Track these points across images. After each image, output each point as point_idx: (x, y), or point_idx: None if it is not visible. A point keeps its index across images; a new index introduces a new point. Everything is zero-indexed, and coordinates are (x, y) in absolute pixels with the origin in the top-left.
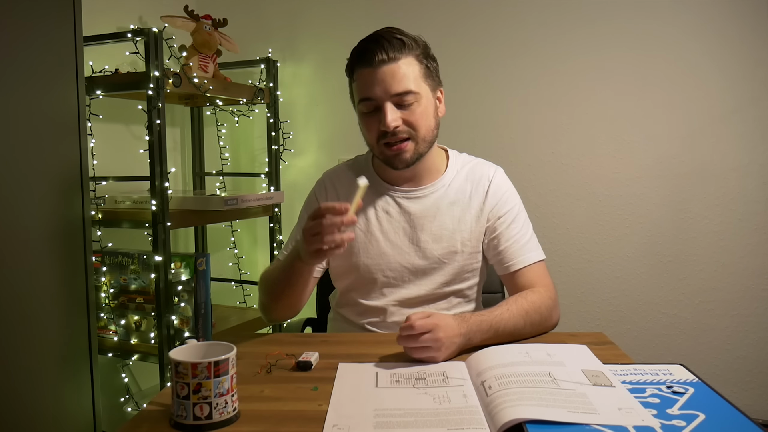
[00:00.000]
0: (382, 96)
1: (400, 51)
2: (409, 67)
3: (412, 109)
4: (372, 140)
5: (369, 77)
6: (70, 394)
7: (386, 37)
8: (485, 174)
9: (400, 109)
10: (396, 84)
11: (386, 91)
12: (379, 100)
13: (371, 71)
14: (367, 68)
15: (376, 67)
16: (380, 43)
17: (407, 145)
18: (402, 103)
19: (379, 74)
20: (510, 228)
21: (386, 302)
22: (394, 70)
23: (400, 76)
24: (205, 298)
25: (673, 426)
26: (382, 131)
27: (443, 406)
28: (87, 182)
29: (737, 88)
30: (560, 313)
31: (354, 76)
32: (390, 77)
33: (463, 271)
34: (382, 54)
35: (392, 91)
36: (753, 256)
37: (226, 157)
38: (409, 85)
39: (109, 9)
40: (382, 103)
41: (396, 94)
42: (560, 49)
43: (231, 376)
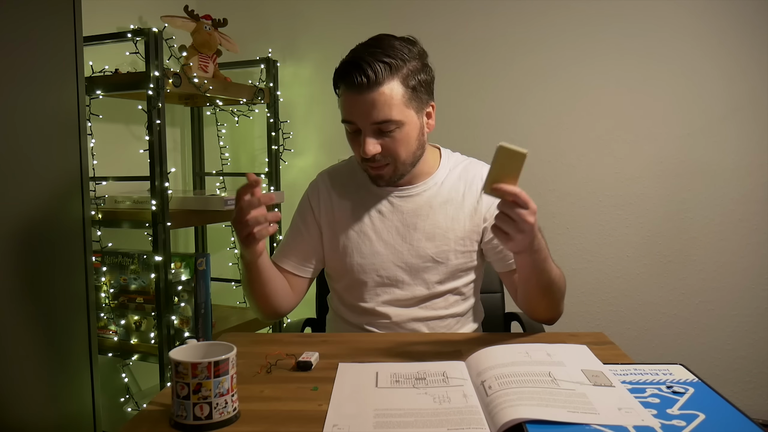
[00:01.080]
0: (362, 123)
1: (383, 76)
2: (392, 92)
3: (393, 136)
4: (357, 159)
5: (350, 101)
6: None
7: (368, 59)
8: (479, 173)
9: (380, 136)
10: (375, 113)
11: (366, 119)
12: (359, 126)
13: (352, 95)
14: (349, 91)
15: (357, 92)
16: (362, 67)
17: (386, 169)
18: (383, 130)
19: (360, 100)
20: None
21: (381, 302)
22: (375, 99)
23: (381, 104)
24: (205, 298)
25: (673, 426)
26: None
27: (443, 406)
28: (87, 182)
29: (737, 88)
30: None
31: (338, 92)
32: (370, 105)
33: (457, 269)
34: (362, 78)
35: (372, 120)
36: (753, 256)
37: (226, 157)
38: (390, 114)
39: (109, 9)
40: (362, 129)
41: (375, 122)
42: (560, 49)
43: (231, 376)
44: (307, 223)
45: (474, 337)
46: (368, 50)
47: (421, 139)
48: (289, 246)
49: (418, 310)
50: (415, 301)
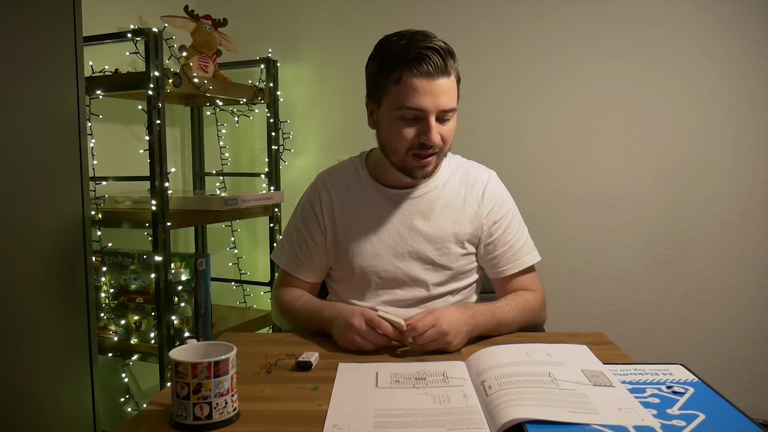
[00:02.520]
0: (431, 110)
1: (452, 65)
2: (454, 81)
3: (448, 125)
4: (401, 148)
5: (422, 87)
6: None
7: (440, 45)
8: (480, 178)
9: (439, 124)
10: (447, 100)
11: (436, 106)
12: (426, 113)
13: (425, 82)
14: (421, 77)
15: (432, 78)
16: (439, 53)
17: (434, 159)
18: (443, 118)
19: (434, 87)
20: (506, 233)
21: (382, 303)
22: (447, 86)
23: (451, 93)
24: (205, 298)
25: (673, 426)
26: (420, 143)
27: (443, 406)
28: (87, 182)
29: (737, 88)
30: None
31: (400, 79)
32: (443, 92)
33: (457, 272)
34: (442, 66)
35: (441, 107)
36: (753, 256)
37: (226, 157)
38: (455, 102)
39: (109, 9)
40: (428, 116)
41: (444, 110)
42: (560, 51)
43: (231, 376)
44: (313, 233)
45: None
46: (430, 38)
47: None
48: (304, 258)
49: (419, 311)
50: (416, 302)
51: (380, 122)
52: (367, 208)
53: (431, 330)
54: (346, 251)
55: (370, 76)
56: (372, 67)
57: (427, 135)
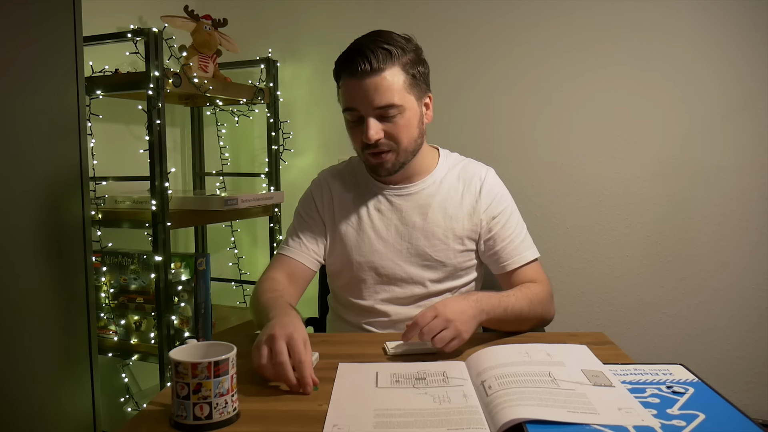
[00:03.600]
0: (364, 108)
1: (385, 62)
2: (393, 78)
3: (395, 122)
4: (357, 148)
5: (352, 88)
6: (70, 394)
7: (371, 46)
8: (477, 174)
9: (382, 122)
10: (379, 97)
11: (369, 104)
12: (362, 112)
13: (355, 82)
14: (351, 78)
15: (360, 78)
16: (364, 54)
17: (388, 156)
18: (385, 116)
19: (362, 86)
20: (505, 228)
21: (380, 300)
22: (377, 83)
23: (384, 89)
24: (205, 298)
25: (673, 426)
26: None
27: (443, 406)
28: (87, 182)
29: (737, 88)
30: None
31: (339, 83)
32: (373, 90)
33: (456, 268)
34: (365, 64)
35: (375, 105)
36: (753, 256)
37: (226, 157)
38: (392, 99)
39: (109, 9)
40: (365, 115)
41: (378, 107)
42: (560, 50)
43: (231, 376)
44: (314, 218)
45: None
46: (369, 39)
47: (421, 128)
48: (304, 240)
49: (417, 308)
50: (414, 300)
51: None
52: (365, 204)
53: (436, 320)
54: (344, 247)
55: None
56: None
57: (366, 134)
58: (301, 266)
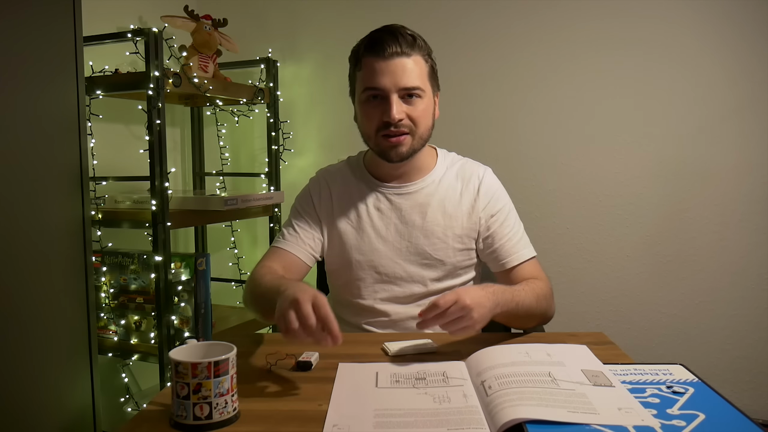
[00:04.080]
0: (390, 88)
1: (412, 47)
2: (417, 64)
3: (416, 105)
4: (370, 130)
5: (379, 67)
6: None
7: (400, 31)
8: (475, 173)
9: (404, 103)
10: (406, 78)
11: (395, 84)
12: (386, 92)
13: (382, 62)
14: (378, 58)
15: (388, 58)
16: (394, 35)
17: (406, 139)
18: (407, 97)
19: (391, 66)
20: (503, 226)
21: (379, 299)
22: (405, 64)
23: (410, 71)
24: (205, 298)
25: (673, 426)
26: (384, 122)
27: (443, 406)
28: (87, 182)
29: (737, 88)
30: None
31: (360, 64)
32: (401, 70)
33: (455, 267)
34: (396, 46)
35: (401, 85)
36: (753, 256)
37: (226, 157)
38: (417, 81)
39: (109, 9)
40: (389, 94)
41: (404, 88)
42: (560, 49)
43: (231, 376)
44: (311, 215)
45: (474, 337)
46: (392, 27)
47: (433, 119)
48: (300, 234)
49: (416, 307)
50: (413, 299)
51: (356, 112)
52: (364, 203)
53: (454, 306)
54: (344, 246)
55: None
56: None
57: (388, 113)
58: (296, 259)
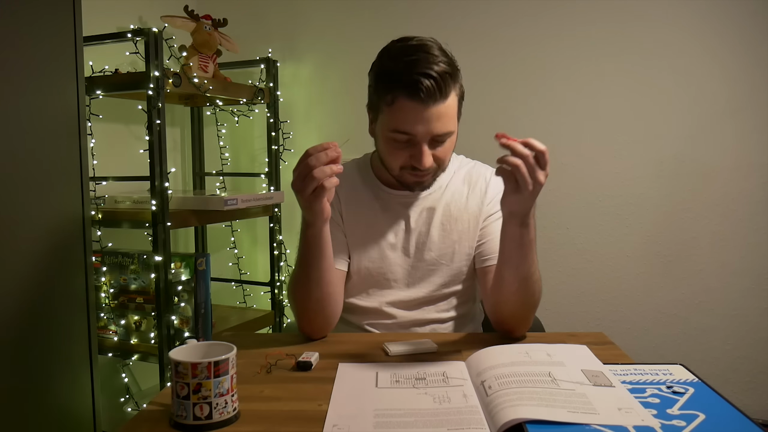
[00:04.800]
0: (423, 136)
1: (449, 86)
2: (452, 104)
3: (445, 147)
4: (394, 165)
5: (414, 113)
6: (70, 394)
7: (435, 68)
8: (482, 175)
9: (433, 146)
10: (441, 125)
11: (429, 132)
12: (419, 137)
13: (419, 108)
14: (415, 103)
15: (425, 104)
16: (435, 79)
17: (428, 177)
18: (437, 141)
19: (427, 114)
20: (496, 224)
21: (386, 303)
22: (441, 111)
23: (445, 117)
24: (205, 298)
25: (673, 426)
26: (412, 165)
27: (443, 406)
28: (87, 182)
29: (737, 88)
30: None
31: (393, 100)
32: (436, 118)
33: (461, 272)
34: (436, 92)
35: (435, 132)
36: (753, 256)
37: (226, 157)
38: (450, 126)
39: (109, 9)
40: (421, 140)
41: (438, 135)
42: (561, 49)
43: (231, 376)
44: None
45: (474, 337)
46: (429, 57)
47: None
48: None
49: (422, 312)
50: (419, 303)
51: (376, 135)
52: (372, 208)
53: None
54: (353, 250)
55: (369, 87)
56: (371, 79)
57: (419, 160)
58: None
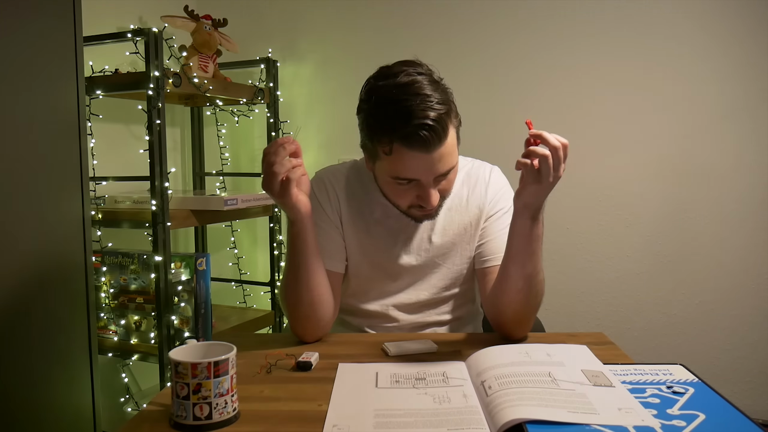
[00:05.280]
0: (428, 179)
1: (448, 126)
2: (451, 140)
3: (449, 179)
4: (401, 204)
5: (415, 161)
6: (70, 394)
7: (435, 116)
8: (482, 176)
9: (438, 183)
10: (442, 166)
11: (433, 173)
12: (423, 181)
13: (418, 155)
14: (414, 151)
15: (426, 151)
16: (433, 127)
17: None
18: (442, 177)
19: (429, 159)
20: (497, 223)
21: (387, 306)
22: (442, 153)
23: (447, 157)
24: (205, 298)
25: (673, 426)
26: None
27: (443, 406)
28: (87, 182)
29: (737, 88)
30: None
31: (392, 152)
32: (437, 161)
33: (461, 274)
34: (436, 140)
35: (439, 173)
36: (753, 256)
37: (226, 157)
38: (453, 161)
39: (109, 9)
40: (426, 182)
41: (441, 174)
42: (561, 50)
43: (231, 376)
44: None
45: (474, 337)
46: (425, 103)
47: None
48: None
49: (423, 314)
50: (420, 306)
51: (377, 176)
52: (372, 211)
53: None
54: (354, 257)
55: (361, 130)
56: (361, 123)
57: (426, 201)
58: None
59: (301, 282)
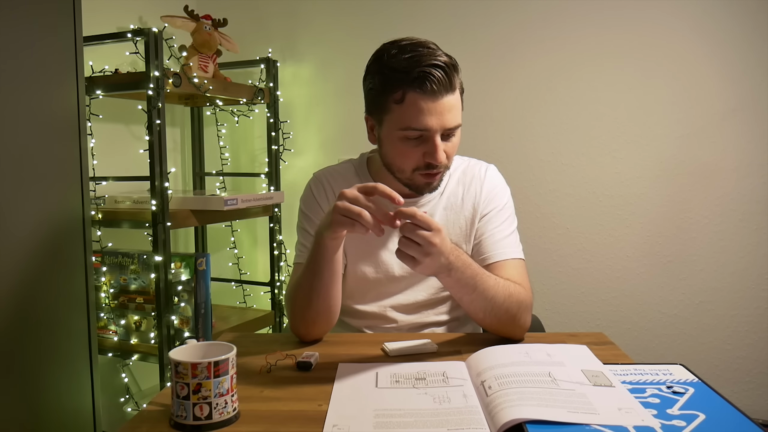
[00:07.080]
0: (437, 129)
1: (455, 78)
2: (457, 97)
3: (453, 141)
4: (406, 167)
5: (427, 107)
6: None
7: (445, 61)
8: (477, 175)
9: (444, 141)
10: (451, 118)
11: (442, 125)
12: (432, 133)
13: (431, 102)
14: (426, 96)
15: (438, 98)
16: (443, 69)
17: (440, 175)
18: (447, 135)
19: (439, 106)
20: (491, 221)
21: (385, 307)
22: (452, 103)
23: (455, 110)
24: (205, 298)
25: (673, 426)
26: (426, 163)
27: (443, 406)
28: (87, 182)
29: (737, 88)
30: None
31: (404, 99)
32: (448, 110)
33: None
34: (445, 83)
35: (447, 126)
36: (753, 256)
37: (226, 157)
38: (459, 119)
39: (109, 9)
40: (433, 135)
41: (449, 128)
42: (561, 49)
43: (231, 376)
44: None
45: (474, 337)
46: (433, 52)
47: None
48: None
49: (422, 315)
50: (418, 307)
51: (382, 140)
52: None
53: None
54: (350, 255)
55: (369, 91)
56: (371, 83)
57: (434, 155)
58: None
59: (316, 290)
